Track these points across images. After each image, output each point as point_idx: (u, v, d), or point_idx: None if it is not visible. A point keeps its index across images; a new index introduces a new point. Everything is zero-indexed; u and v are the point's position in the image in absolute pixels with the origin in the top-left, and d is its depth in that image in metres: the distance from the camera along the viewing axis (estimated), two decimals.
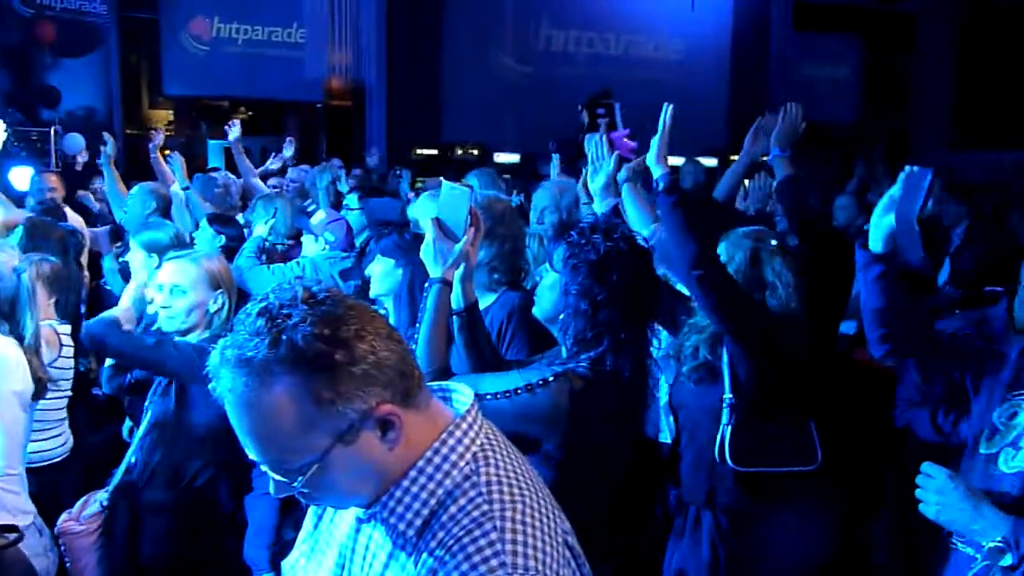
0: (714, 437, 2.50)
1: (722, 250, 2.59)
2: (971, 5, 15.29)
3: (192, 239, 4.23)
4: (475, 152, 12.56)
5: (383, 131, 12.75)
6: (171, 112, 16.27)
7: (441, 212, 2.12)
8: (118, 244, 4.94)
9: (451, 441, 1.17)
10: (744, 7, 14.80)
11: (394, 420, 1.11)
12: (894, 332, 2.10)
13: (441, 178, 8.99)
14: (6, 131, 5.44)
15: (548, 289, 2.27)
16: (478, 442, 1.20)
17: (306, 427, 1.07)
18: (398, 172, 7.81)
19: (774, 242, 2.59)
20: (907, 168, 2.06)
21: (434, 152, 12.22)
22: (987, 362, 2.11)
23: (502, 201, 2.92)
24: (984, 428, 2.00)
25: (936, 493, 1.85)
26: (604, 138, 3.21)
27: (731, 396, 2.49)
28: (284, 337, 1.05)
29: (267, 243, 4.15)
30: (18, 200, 5.71)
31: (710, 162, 13.84)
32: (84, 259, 4.53)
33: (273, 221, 4.39)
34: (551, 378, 1.98)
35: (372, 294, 2.86)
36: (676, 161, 13.41)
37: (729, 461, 2.47)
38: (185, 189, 5.30)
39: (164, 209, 4.82)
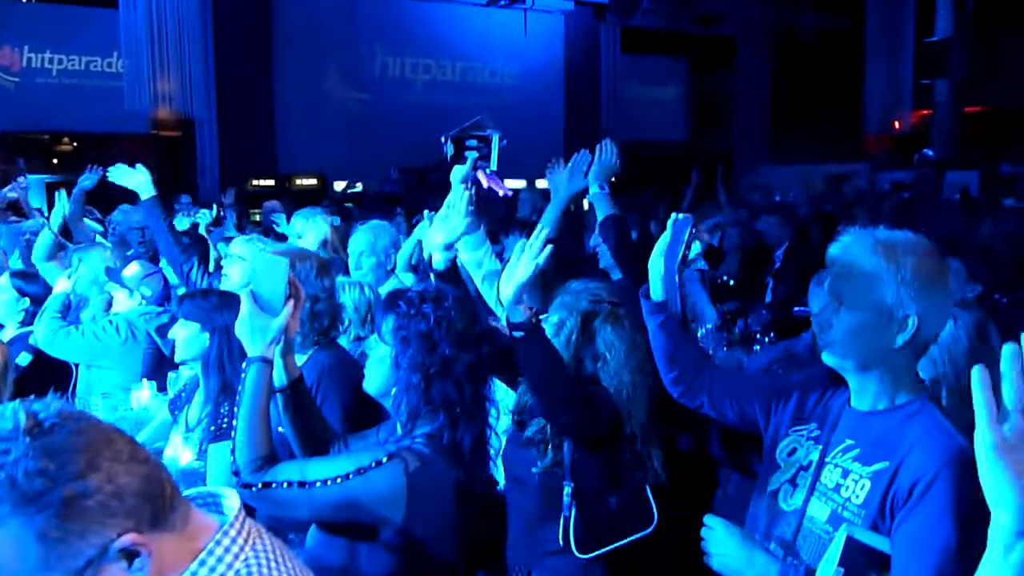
0: (542, 514, 2.43)
1: (555, 309, 2.48)
2: (783, 29, 16.41)
3: None
4: (314, 181, 12.34)
5: (216, 162, 12.33)
6: None
7: (256, 283, 1.96)
8: None
9: (211, 561, 1.12)
10: (574, 32, 15.29)
11: (139, 550, 1.04)
12: (683, 373, 2.17)
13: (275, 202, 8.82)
14: None
15: (378, 363, 2.18)
16: (242, 557, 1.14)
17: (37, 570, 1.00)
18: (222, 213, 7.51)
19: (607, 305, 2.46)
20: (672, 215, 2.14)
21: (271, 183, 11.90)
22: (775, 395, 2.04)
23: (307, 255, 2.84)
24: (769, 464, 1.96)
25: (714, 544, 1.82)
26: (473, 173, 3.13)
27: (570, 483, 2.39)
28: (3, 476, 0.98)
29: (71, 299, 3.86)
30: None
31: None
32: None
33: (79, 274, 4.13)
34: (384, 459, 1.87)
35: (177, 359, 2.74)
36: (518, 184, 13.73)
37: (574, 550, 2.37)
38: None
39: None
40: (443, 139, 5.62)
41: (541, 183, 14.01)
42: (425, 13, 13.80)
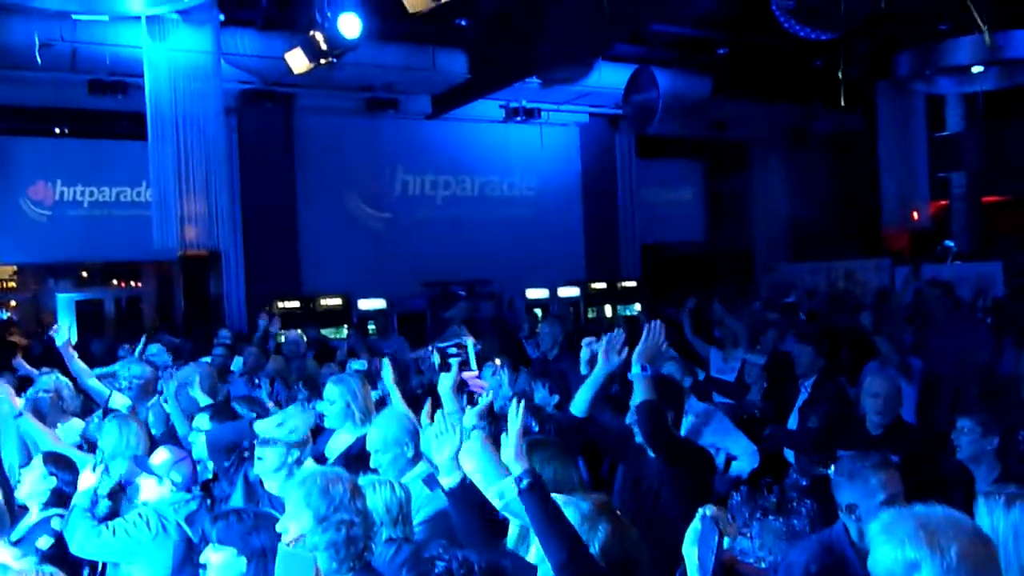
0: None
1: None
2: (796, 131, 16.66)
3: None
4: (339, 301, 12.48)
5: (242, 285, 12.52)
6: (14, 266, 15.57)
7: None
8: None
9: None
10: (590, 142, 15.60)
11: None
12: None
13: (298, 331, 8.91)
14: None
15: None
16: None
17: None
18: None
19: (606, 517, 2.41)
20: (700, 511, 2.13)
21: (296, 304, 12.05)
22: None
23: (339, 478, 2.83)
24: None
25: None
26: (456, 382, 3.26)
27: None
28: None
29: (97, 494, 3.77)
30: None
31: (571, 292, 14.31)
32: None
33: (110, 452, 4.11)
34: None
35: None
36: (540, 294, 13.77)
37: None
38: (18, 417, 4.72)
39: None
40: (430, 348, 5.95)
41: (563, 291, 14.15)
42: (444, 132, 14.16)
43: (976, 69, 13.31)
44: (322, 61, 9.46)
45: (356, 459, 4.03)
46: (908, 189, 15.34)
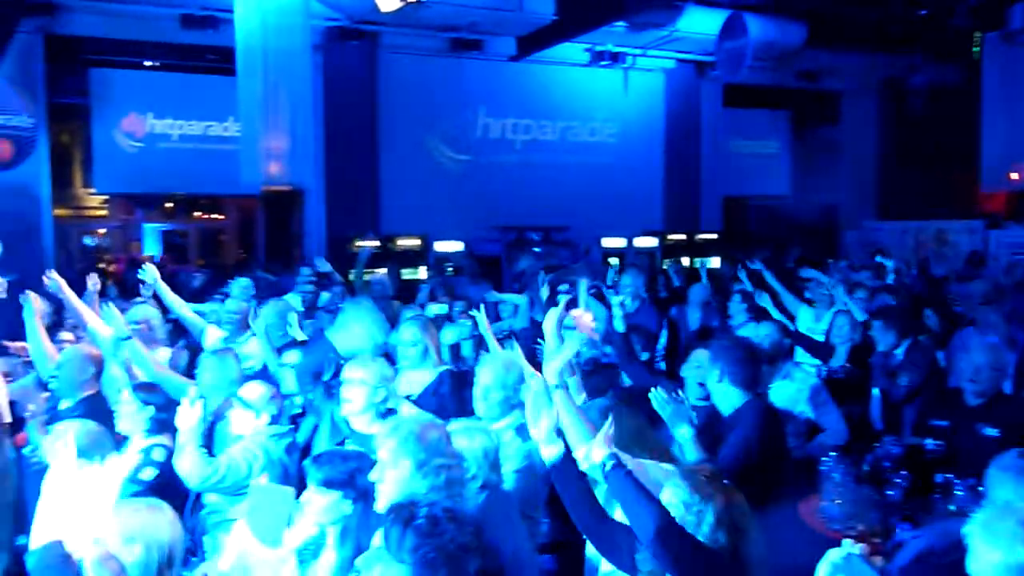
0: None
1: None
2: (892, 83, 15.96)
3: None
4: (416, 242, 12.57)
5: (322, 224, 12.69)
6: (105, 197, 16.07)
7: (251, 516, 1.97)
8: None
9: None
10: (675, 89, 15.20)
11: None
12: None
13: (383, 272, 9.00)
14: None
15: None
16: None
17: None
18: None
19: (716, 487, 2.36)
20: (844, 548, 1.94)
21: (375, 243, 12.17)
22: None
23: (436, 425, 2.85)
24: None
25: None
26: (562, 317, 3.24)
27: None
28: None
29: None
30: None
31: (649, 242, 14.13)
32: None
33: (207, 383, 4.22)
34: None
35: (314, 524, 2.75)
36: (617, 243, 13.64)
37: None
38: (126, 339, 4.74)
39: (99, 373, 4.64)
40: (541, 281, 6.11)
41: (640, 241, 13.98)
42: (527, 74, 13.97)
43: None
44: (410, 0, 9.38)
45: (439, 396, 4.10)
46: (1010, 149, 14.59)
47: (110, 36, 11.54)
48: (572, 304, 3.87)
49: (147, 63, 12.65)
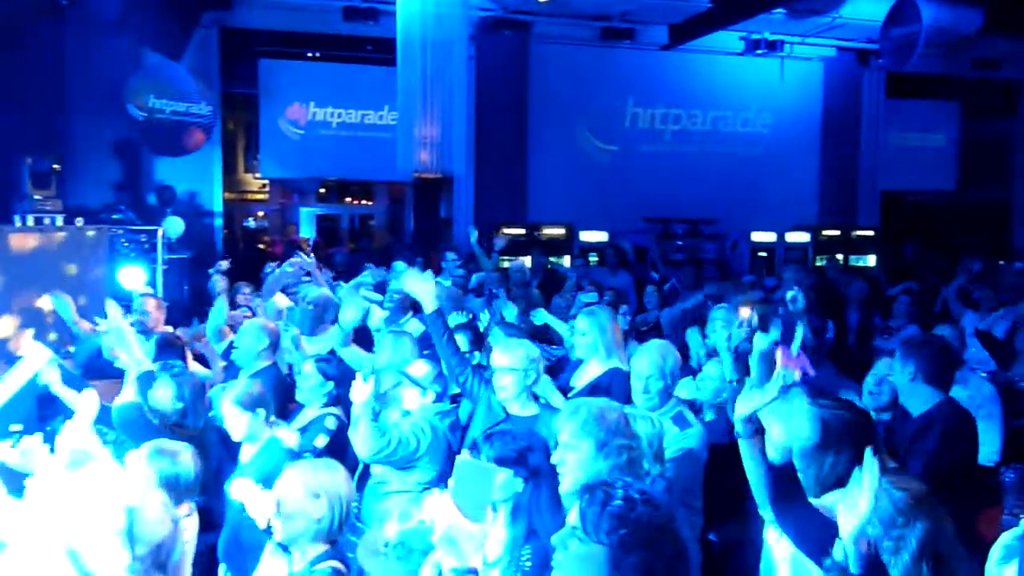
0: None
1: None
2: None
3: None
4: (562, 231, 12.62)
5: (471, 211, 12.93)
6: (265, 181, 17.00)
7: (456, 491, 1.97)
8: None
9: None
10: (835, 78, 14.57)
11: None
12: None
13: (525, 259, 9.09)
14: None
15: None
16: None
17: None
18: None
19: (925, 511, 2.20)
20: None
21: (521, 231, 12.31)
22: None
23: (614, 408, 2.84)
24: None
25: None
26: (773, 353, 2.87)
27: None
28: None
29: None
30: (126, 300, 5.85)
31: (801, 237, 13.61)
32: None
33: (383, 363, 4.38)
34: None
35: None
36: (767, 237, 13.22)
37: None
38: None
39: (274, 345, 4.91)
40: (750, 310, 5.34)
41: (792, 236, 13.49)
42: (678, 63, 13.73)
43: None
44: None
45: (605, 392, 4.06)
46: None
47: (278, 28, 12.15)
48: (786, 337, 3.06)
49: (310, 54, 13.25)
